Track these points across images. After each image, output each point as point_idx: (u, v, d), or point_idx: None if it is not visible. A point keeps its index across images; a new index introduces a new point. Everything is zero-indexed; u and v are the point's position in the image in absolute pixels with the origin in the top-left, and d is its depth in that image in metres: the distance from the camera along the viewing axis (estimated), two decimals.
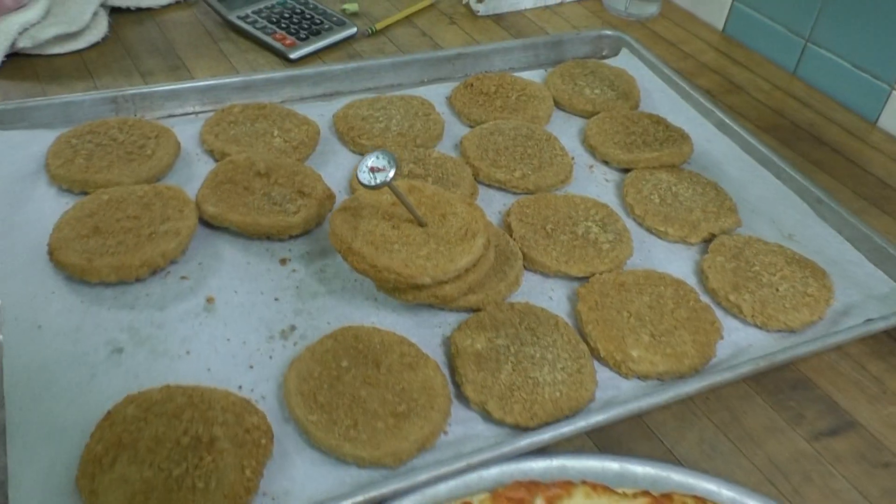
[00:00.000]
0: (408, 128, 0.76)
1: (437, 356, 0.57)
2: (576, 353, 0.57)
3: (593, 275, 0.64)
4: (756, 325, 0.62)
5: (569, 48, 0.94)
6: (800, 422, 0.57)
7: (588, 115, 0.84)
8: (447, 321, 0.60)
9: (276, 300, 0.60)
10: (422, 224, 0.59)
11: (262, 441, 0.49)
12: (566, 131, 0.82)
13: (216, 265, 0.62)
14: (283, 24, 0.92)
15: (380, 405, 0.52)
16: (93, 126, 0.71)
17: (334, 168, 0.73)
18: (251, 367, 0.55)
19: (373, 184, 0.54)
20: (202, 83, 0.79)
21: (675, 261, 0.68)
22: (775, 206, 0.75)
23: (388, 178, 0.54)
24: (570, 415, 0.54)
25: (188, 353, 0.56)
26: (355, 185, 0.69)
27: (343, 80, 0.84)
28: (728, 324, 0.63)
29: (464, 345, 0.57)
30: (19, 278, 0.59)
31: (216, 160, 0.72)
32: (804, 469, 0.54)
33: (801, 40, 0.95)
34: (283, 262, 0.63)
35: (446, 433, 0.53)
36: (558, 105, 0.85)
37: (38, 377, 0.53)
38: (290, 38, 0.90)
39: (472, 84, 0.84)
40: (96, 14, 0.89)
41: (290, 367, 0.54)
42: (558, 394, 0.54)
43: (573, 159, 0.77)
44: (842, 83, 0.92)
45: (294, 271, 0.63)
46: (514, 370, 0.55)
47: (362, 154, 0.74)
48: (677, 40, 1.02)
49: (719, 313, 0.63)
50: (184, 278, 0.61)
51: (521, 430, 0.53)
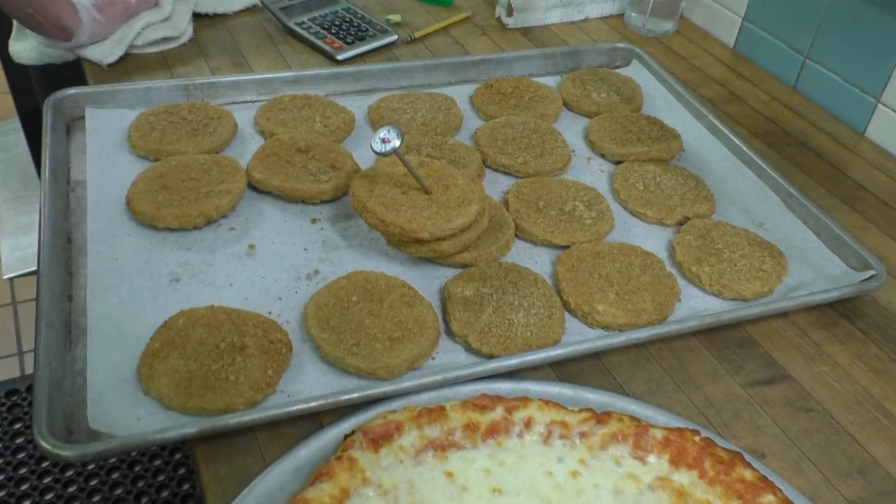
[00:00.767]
0: (430, 119, 0.89)
1: (433, 300, 0.69)
2: (549, 304, 0.68)
3: (575, 244, 0.75)
4: (713, 294, 0.72)
5: (584, 58, 1.05)
6: (739, 372, 0.66)
7: (593, 116, 0.94)
8: (444, 274, 0.72)
9: (305, 250, 0.73)
10: (427, 192, 0.71)
11: (283, 351, 0.62)
12: (571, 128, 0.93)
13: (259, 220, 0.75)
14: (334, 31, 1.06)
15: (379, 331, 0.63)
16: (167, 107, 0.86)
17: (364, 150, 0.85)
18: (280, 298, 0.68)
19: (382, 151, 0.66)
20: (259, 76, 0.92)
21: (650, 238, 0.78)
22: (751, 198, 0.84)
23: (395, 147, 0.66)
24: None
25: (231, 285, 0.69)
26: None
27: (380, 79, 0.97)
28: (689, 292, 0.72)
29: (455, 291, 0.68)
30: (103, 222, 0.73)
31: (265, 138, 0.85)
32: (735, 408, 0.63)
33: (801, 57, 1.04)
34: (314, 221, 0.76)
35: (434, 358, 0.64)
36: (567, 106, 0.96)
37: (114, 295, 0.66)
38: (338, 42, 1.03)
39: (491, 85, 0.96)
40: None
41: (310, 299, 0.66)
42: (529, 333, 0.65)
43: (573, 151, 0.88)
44: (835, 96, 1.00)
45: (322, 229, 0.75)
46: (494, 312, 0.66)
47: None
48: (688, 54, 1.12)
49: (682, 282, 0.73)
50: (232, 229, 0.74)
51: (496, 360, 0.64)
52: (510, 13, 1.13)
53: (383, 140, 0.66)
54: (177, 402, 0.58)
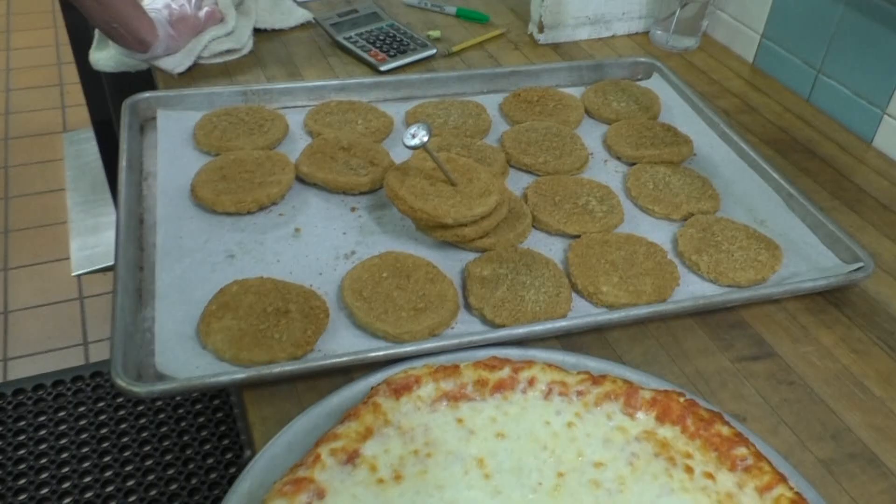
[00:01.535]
0: (461, 123, 0.98)
1: (455, 279, 0.77)
2: (558, 284, 0.76)
3: (586, 234, 0.82)
4: (710, 280, 0.79)
5: (608, 71, 1.13)
6: (729, 349, 0.73)
7: (612, 123, 1.02)
8: (466, 257, 0.80)
9: (344, 234, 0.82)
10: (453, 183, 0.80)
11: (321, 316, 0.71)
12: (591, 133, 1.01)
13: (304, 208, 0.85)
14: (378, 44, 1.16)
15: (406, 302, 0.72)
16: (228, 110, 0.97)
17: (400, 149, 0.94)
18: (320, 273, 0.77)
19: (412, 145, 0.76)
20: (309, 84, 1.03)
21: (657, 231, 0.85)
22: (754, 198, 0.91)
23: (423, 141, 0.75)
24: None
25: (278, 261, 0.78)
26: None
27: (418, 87, 1.07)
28: (688, 278, 0.80)
29: (474, 270, 0.76)
30: (171, 206, 0.84)
31: (313, 138, 0.95)
32: (723, 378, 0.70)
33: (814, 71, 1.11)
34: (353, 209, 0.86)
35: (452, 328, 0.73)
36: (589, 114, 1.05)
37: (178, 267, 0.77)
38: (381, 55, 1.14)
39: (519, 94, 1.05)
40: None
41: (346, 274, 0.76)
42: (538, 308, 0.73)
43: (591, 154, 0.96)
44: (844, 108, 1.07)
45: (359, 216, 0.85)
46: (508, 289, 0.74)
47: None
48: (708, 69, 1.19)
49: (682, 270, 0.80)
50: (281, 215, 0.84)
51: None
52: (541, 29, 1.22)
53: (413, 135, 0.76)
54: (229, 355, 0.67)
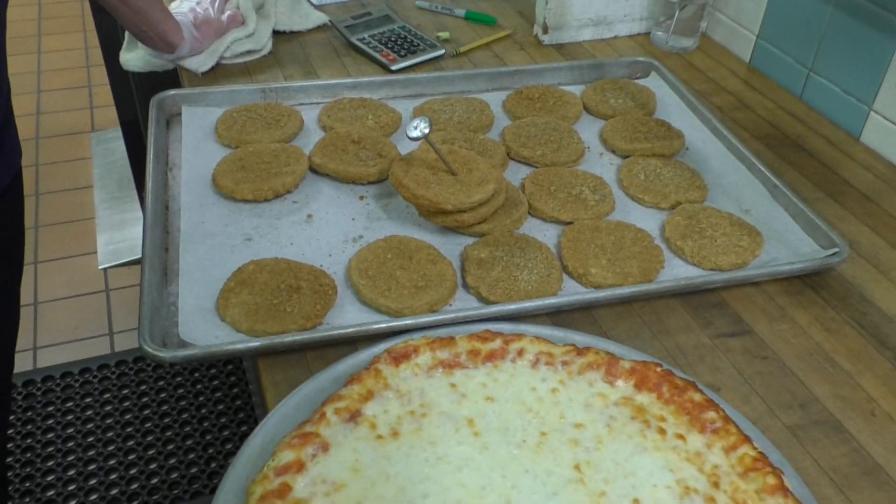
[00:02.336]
0: (465, 118, 1.04)
1: (454, 262, 0.83)
2: (549, 266, 0.82)
3: (578, 220, 0.88)
4: (694, 264, 0.84)
5: (607, 70, 1.19)
6: (708, 327, 0.78)
7: (609, 118, 1.08)
8: (465, 241, 0.86)
9: (353, 220, 0.89)
10: (453, 173, 0.86)
11: (329, 292, 0.77)
12: (588, 128, 1.06)
13: (316, 196, 0.92)
14: (390, 45, 1.22)
15: (407, 280, 0.78)
16: (247, 106, 1.04)
17: (408, 143, 1.01)
18: (330, 255, 0.84)
19: (414, 136, 0.82)
20: (324, 82, 1.10)
21: (645, 219, 0.91)
22: (741, 189, 0.96)
23: (425, 133, 0.81)
24: None
25: (291, 244, 0.85)
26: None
27: (426, 86, 1.13)
28: (673, 262, 0.85)
29: (472, 253, 0.82)
30: (194, 194, 0.91)
31: (326, 132, 1.02)
32: (700, 353, 0.76)
33: (806, 70, 1.15)
34: (362, 198, 0.92)
35: (450, 305, 0.79)
36: (587, 110, 1.10)
37: (200, 248, 0.83)
38: (392, 55, 1.20)
39: (521, 91, 1.11)
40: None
41: (353, 256, 0.82)
42: (530, 287, 0.79)
43: (588, 147, 1.02)
44: (834, 105, 1.11)
45: (367, 204, 0.91)
46: (503, 270, 0.80)
47: None
48: (706, 68, 1.25)
49: (668, 254, 0.85)
50: (294, 202, 0.91)
51: None
52: (545, 31, 1.27)
53: (415, 127, 0.82)
54: (245, 327, 0.74)
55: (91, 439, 1.73)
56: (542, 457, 0.63)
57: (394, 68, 1.18)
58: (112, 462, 1.69)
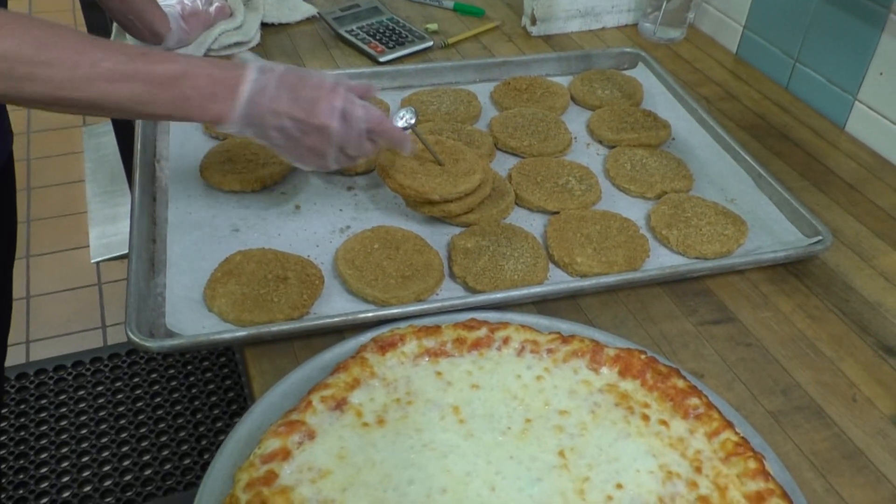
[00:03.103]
0: (453, 110, 1.04)
1: (441, 252, 0.84)
2: (536, 255, 0.82)
3: (564, 210, 0.89)
4: (679, 253, 0.85)
5: (595, 61, 1.19)
6: (692, 314, 0.79)
7: (596, 109, 1.08)
8: (452, 231, 0.86)
9: (340, 210, 0.89)
10: (440, 163, 0.87)
11: (316, 282, 0.78)
12: (576, 119, 1.07)
13: (304, 187, 0.92)
14: (378, 37, 1.23)
15: (394, 270, 0.79)
16: None
17: None
18: (317, 245, 0.84)
19: (401, 126, 0.82)
20: None
21: (632, 209, 0.91)
22: (726, 178, 0.96)
23: (411, 123, 0.82)
24: None
25: (279, 235, 0.85)
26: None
27: (414, 77, 1.13)
28: (658, 251, 0.86)
29: (459, 243, 0.83)
30: (181, 185, 0.91)
31: None
32: (684, 340, 0.76)
33: (792, 60, 1.16)
34: (350, 188, 0.92)
35: (437, 294, 0.79)
36: (574, 101, 1.11)
37: (187, 239, 0.84)
38: (381, 47, 1.20)
39: (509, 83, 1.11)
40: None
41: (340, 246, 0.82)
42: (517, 276, 0.79)
43: (575, 138, 1.02)
44: (819, 95, 1.12)
45: (355, 195, 0.92)
46: (489, 260, 0.81)
47: None
48: (693, 59, 1.25)
49: (653, 243, 0.86)
50: (283, 193, 0.91)
51: None
52: (534, 22, 1.28)
53: (401, 118, 0.82)
54: (232, 317, 0.74)
55: (84, 432, 1.74)
56: (527, 443, 0.64)
57: (382, 60, 1.18)
58: (105, 454, 1.69)
